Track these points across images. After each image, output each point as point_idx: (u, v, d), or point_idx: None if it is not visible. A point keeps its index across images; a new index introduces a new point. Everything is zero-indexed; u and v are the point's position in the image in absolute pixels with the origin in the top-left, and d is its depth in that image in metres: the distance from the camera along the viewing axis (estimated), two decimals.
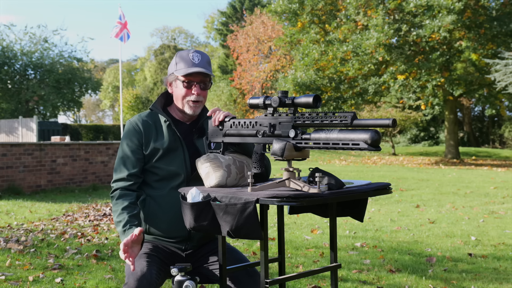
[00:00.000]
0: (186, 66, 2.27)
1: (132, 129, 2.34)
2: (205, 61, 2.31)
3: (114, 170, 2.35)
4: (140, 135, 2.32)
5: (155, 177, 2.33)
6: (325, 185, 1.83)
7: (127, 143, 2.33)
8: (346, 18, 21.14)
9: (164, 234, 2.33)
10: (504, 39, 19.29)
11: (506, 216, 7.03)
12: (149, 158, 2.33)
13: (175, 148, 2.33)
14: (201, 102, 2.33)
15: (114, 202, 2.27)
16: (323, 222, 6.44)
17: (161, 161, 2.32)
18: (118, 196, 2.27)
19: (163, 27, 56.78)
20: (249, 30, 32.14)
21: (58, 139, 14.28)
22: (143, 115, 2.37)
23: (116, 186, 2.30)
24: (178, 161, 2.31)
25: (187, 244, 2.35)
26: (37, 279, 3.89)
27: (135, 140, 2.32)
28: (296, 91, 20.84)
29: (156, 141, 2.32)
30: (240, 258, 2.31)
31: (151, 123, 2.35)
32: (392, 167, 18.03)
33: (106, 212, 7.32)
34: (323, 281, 3.87)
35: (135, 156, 2.31)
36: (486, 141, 34.99)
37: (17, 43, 27.42)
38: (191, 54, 2.29)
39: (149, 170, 2.34)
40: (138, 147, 2.32)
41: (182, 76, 2.29)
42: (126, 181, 2.29)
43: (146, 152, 2.32)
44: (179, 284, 2.01)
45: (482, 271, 4.19)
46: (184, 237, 2.33)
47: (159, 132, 2.34)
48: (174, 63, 2.33)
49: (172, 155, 2.32)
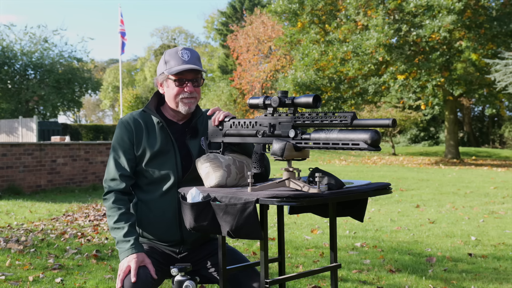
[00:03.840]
0: (176, 64, 2.22)
1: (124, 128, 2.29)
2: (195, 58, 2.26)
3: (106, 171, 2.30)
4: (131, 134, 2.28)
5: (146, 180, 2.30)
6: (325, 185, 1.83)
7: (119, 143, 2.29)
8: (346, 18, 21.14)
9: (156, 238, 2.32)
10: (504, 39, 19.29)
11: (506, 216, 7.03)
12: (139, 159, 2.29)
13: (166, 150, 2.28)
14: (195, 98, 2.28)
15: (110, 205, 2.24)
16: (323, 222, 6.44)
17: (152, 164, 2.28)
18: (114, 200, 2.24)
19: (163, 27, 56.78)
20: (249, 30, 32.14)
21: (58, 139, 14.28)
22: (135, 114, 2.33)
23: (110, 188, 2.27)
24: (169, 164, 2.27)
25: (180, 247, 2.34)
26: (37, 279, 3.89)
27: (126, 139, 2.28)
28: (296, 91, 20.84)
29: (147, 142, 2.28)
30: (240, 259, 2.31)
31: (142, 123, 2.30)
32: (392, 167, 18.03)
33: (106, 212, 7.31)
34: (323, 281, 3.87)
35: (126, 156, 2.27)
36: (486, 141, 34.99)
37: (17, 43, 27.42)
38: (180, 52, 2.24)
39: (140, 172, 2.30)
40: (129, 147, 2.28)
41: (173, 75, 2.23)
42: (119, 182, 2.26)
43: (138, 153, 2.28)
44: (179, 284, 2.01)
45: (482, 271, 4.19)
46: (177, 241, 2.31)
47: (150, 133, 2.29)
48: (163, 63, 2.27)
49: (163, 158, 2.28)
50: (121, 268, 2.12)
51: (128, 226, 2.19)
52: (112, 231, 2.21)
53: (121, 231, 2.18)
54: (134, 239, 2.17)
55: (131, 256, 2.12)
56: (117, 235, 2.19)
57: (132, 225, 2.21)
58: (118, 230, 2.19)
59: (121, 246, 2.16)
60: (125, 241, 2.16)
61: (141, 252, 2.15)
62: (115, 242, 2.21)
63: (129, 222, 2.20)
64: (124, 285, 2.07)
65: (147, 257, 2.15)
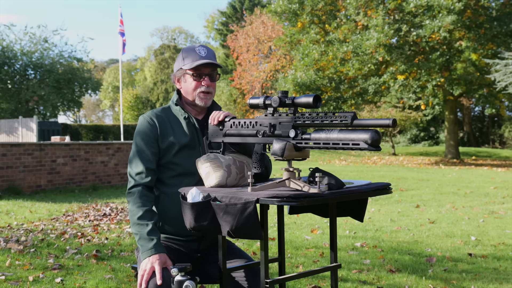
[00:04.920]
0: (194, 60, 2.28)
1: (146, 123, 2.31)
2: (211, 54, 2.32)
3: (130, 163, 2.30)
4: (155, 129, 2.30)
5: (171, 173, 2.30)
6: (325, 185, 1.83)
7: (142, 137, 2.30)
8: (346, 18, 21.14)
9: (177, 232, 2.30)
10: (504, 39, 19.29)
11: (506, 216, 7.03)
12: (165, 152, 2.30)
13: (193, 145, 2.31)
14: (211, 93, 2.32)
15: (134, 200, 2.22)
16: (323, 222, 6.44)
17: (179, 156, 2.29)
18: (140, 195, 2.22)
19: (163, 27, 56.80)
20: (249, 30, 32.14)
21: (58, 139, 14.29)
22: (156, 111, 2.36)
23: (136, 182, 2.25)
24: (196, 158, 2.26)
25: (200, 243, 2.33)
26: (37, 279, 3.89)
27: (150, 133, 2.30)
28: (296, 91, 20.84)
29: (174, 136, 2.30)
30: (244, 256, 2.31)
31: (165, 118, 2.34)
32: (392, 167, 18.03)
33: (106, 212, 7.31)
34: (323, 281, 3.87)
35: (150, 150, 2.28)
36: (486, 141, 34.99)
37: (17, 43, 27.42)
38: (197, 48, 2.31)
39: (166, 166, 2.31)
40: (153, 141, 2.29)
41: (190, 70, 2.29)
42: (145, 175, 2.25)
43: (163, 146, 2.29)
44: (179, 284, 2.01)
45: (482, 271, 4.19)
46: (196, 235, 2.30)
47: (174, 127, 2.32)
48: (181, 59, 2.33)
49: (191, 152, 2.30)
50: (144, 268, 2.09)
51: (153, 224, 2.17)
52: (135, 226, 2.18)
53: (146, 228, 2.16)
54: (158, 238, 2.15)
55: (154, 257, 2.10)
56: (140, 231, 2.16)
57: (155, 224, 2.20)
58: (142, 226, 2.17)
59: (143, 244, 2.14)
60: (148, 239, 2.13)
61: (164, 253, 2.13)
62: (135, 237, 2.18)
63: (153, 221, 2.19)
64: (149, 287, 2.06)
65: (168, 258, 2.14)
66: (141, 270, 2.09)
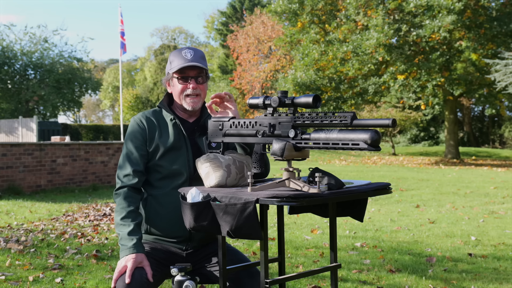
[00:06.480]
0: (179, 63, 2.30)
1: (136, 126, 2.36)
2: (198, 56, 2.33)
3: (119, 166, 2.34)
4: (144, 132, 2.34)
5: (158, 175, 2.34)
6: (325, 185, 1.83)
7: (131, 140, 2.35)
8: (346, 18, 21.13)
9: (164, 234, 2.33)
10: (504, 39, 19.29)
11: (506, 216, 7.03)
12: (152, 155, 2.34)
13: (179, 146, 2.34)
14: (199, 96, 2.34)
15: (120, 201, 2.26)
16: (323, 222, 6.44)
17: (164, 159, 2.33)
18: (125, 196, 2.26)
19: (163, 27, 56.81)
20: (249, 30, 32.14)
21: (58, 139, 14.29)
22: (147, 113, 2.40)
23: (122, 184, 2.29)
24: (181, 160, 2.32)
25: (187, 244, 2.35)
26: (37, 279, 3.89)
27: (139, 136, 2.34)
28: (296, 91, 20.84)
29: (160, 138, 2.33)
30: (242, 259, 2.31)
31: (155, 120, 2.37)
32: (392, 167, 18.03)
33: (106, 212, 7.32)
34: (323, 281, 3.87)
35: (139, 152, 2.32)
36: (486, 141, 34.99)
37: (17, 43, 27.44)
38: (184, 51, 2.33)
39: (152, 168, 2.35)
40: (142, 144, 2.34)
41: (175, 73, 2.32)
42: (132, 177, 2.29)
43: (150, 149, 2.33)
44: (179, 284, 2.01)
45: (482, 271, 4.19)
46: (185, 237, 2.32)
47: (163, 129, 2.36)
48: (169, 63, 2.36)
49: (176, 154, 2.33)
50: (118, 267, 2.13)
51: (134, 225, 2.20)
52: (118, 226, 2.23)
53: (127, 228, 2.19)
54: (137, 239, 2.18)
55: (130, 256, 2.12)
56: (121, 231, 2.20)
57: (138, 225, 2.23)
58: (123, 227, 2.20)
59: (123, 243, 2.17)
60: (128, 239, 2.17)
61: (141, 253, 2.15)
62: (118, 238, 2.22)
63: (136, 221, 2.22)
64: (117, 286, 2.07)
65: (146, 259, 2.15)
66: (116, 270, 2.12)
